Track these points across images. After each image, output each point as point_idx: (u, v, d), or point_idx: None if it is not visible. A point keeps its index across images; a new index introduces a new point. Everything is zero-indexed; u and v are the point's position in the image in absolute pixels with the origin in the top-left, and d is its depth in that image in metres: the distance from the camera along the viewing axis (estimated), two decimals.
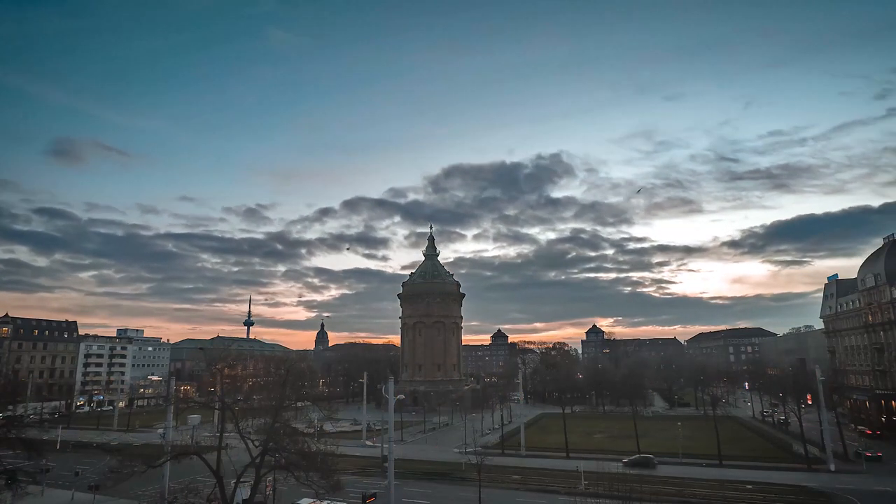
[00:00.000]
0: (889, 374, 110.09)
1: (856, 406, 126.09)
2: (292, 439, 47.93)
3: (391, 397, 58.92)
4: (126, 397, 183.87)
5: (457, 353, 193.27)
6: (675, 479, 72.64)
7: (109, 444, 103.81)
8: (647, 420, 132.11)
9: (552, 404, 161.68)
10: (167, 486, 58.18)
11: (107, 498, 62.22)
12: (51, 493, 66.15)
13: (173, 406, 74.28)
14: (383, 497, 55.15)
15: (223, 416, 50.51)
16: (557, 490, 67.69)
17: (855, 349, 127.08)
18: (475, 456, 70.65)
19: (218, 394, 64.15)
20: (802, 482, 70.72)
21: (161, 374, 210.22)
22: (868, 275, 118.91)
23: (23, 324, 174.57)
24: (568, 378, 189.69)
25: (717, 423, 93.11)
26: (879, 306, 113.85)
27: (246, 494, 50.21)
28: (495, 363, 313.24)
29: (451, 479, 74.79)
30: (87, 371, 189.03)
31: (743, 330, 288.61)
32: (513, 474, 76.40)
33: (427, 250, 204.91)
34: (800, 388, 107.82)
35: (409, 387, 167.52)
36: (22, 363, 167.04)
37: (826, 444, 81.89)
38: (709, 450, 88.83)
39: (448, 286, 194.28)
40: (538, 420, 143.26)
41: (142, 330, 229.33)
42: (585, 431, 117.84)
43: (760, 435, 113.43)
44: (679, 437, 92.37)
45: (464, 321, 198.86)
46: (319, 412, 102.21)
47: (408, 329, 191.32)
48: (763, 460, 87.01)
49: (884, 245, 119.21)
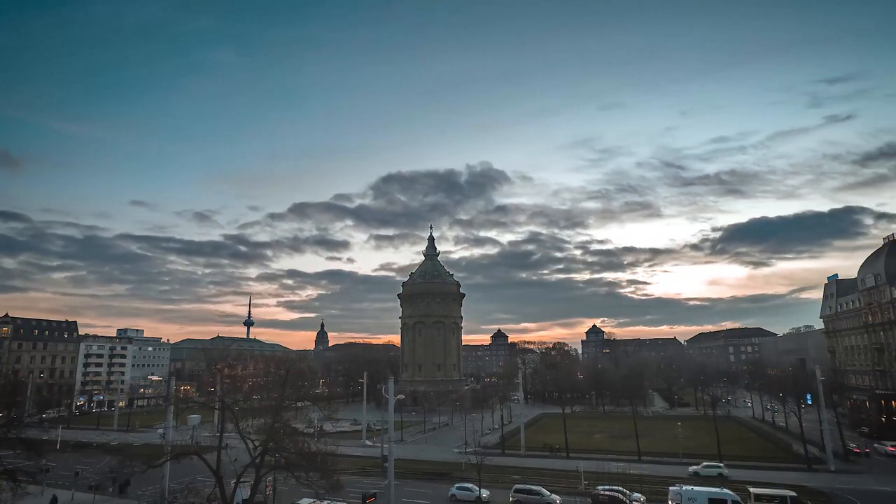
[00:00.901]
0: (889, 374, 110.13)
1: (856, 406, 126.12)
2: (292, 439, 47.92)
3: (391, 397, 58.97)
4: (126, 397, 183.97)
5: (457, 353, 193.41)
6: (674, 479, 72.43)
7: (109, 444, 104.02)
8: (647, 420, 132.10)
9: (552, 404, 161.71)
10: (167, 486, 58.25)
11: (107, 498, 62.20)
12: (51, 493, 66.05)
13: (173, 406, 74.25)
14: (383, 497, 55.15)
15: (223, 416, 50.57)
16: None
17: (855, 349, 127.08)
18: (475, 456, 70.63)
19: (218, 394, 64.14)
20: (802, 482, 70.71)
21: (161, 374, 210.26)
22: (868, 275, 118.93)
23: (23, 324, 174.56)
24: (568, 378, 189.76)
25: (717, 423, 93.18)
26: (879, 306, 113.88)
27: (246, 494, 50.22)
28: (495, 363, 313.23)
29: (452, 479, 74.67)
30: (87, 371, 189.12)
31: (743, 330, 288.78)
32: (513, 474, 76.38)
33: (427, 250, 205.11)
34: (800, 388, 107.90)
35: (409, 387, 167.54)
36: (22, 363, 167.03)
37: (826, 444, 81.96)
38: (709, 450, 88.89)
39: (448, 286, 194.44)
40: (538, 420, 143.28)
41: (141, 330, 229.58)
42: (586, 431, 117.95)
43: (760, 435, 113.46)
44: (679, 437, 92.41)
45: (463, 321, 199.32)
46: (319, 412, 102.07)
47: (408, 329, 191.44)
48: (763, 460, 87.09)
49: (884, 245, 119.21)
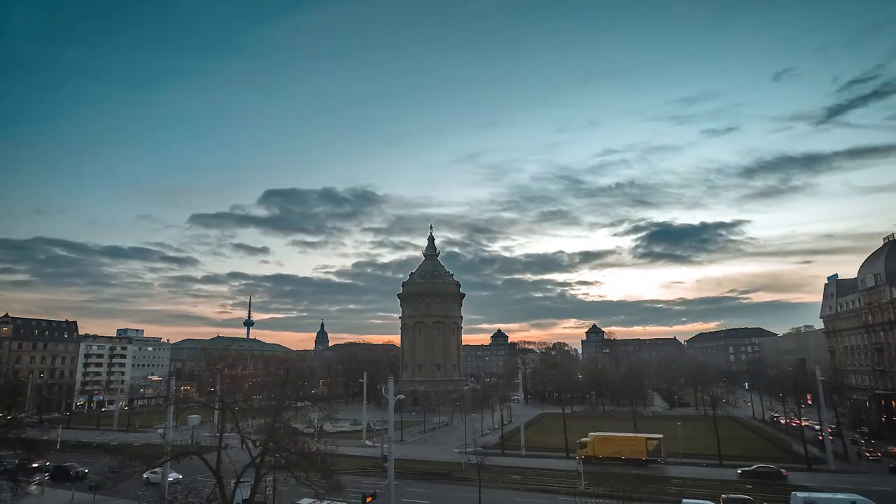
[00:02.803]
0: (889, 374, 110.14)
1: (856, 406, 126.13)
2: (292, 439, 47.80)
3: (391, 397, 58.95)
4: (126, 397, 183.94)
5: (457, 353, 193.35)
6: (675, 479, 72.68)
7: (109, 444, 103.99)
8: (647, 420, 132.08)
9: (552, 404, 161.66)
10: (167, 487, 58.25)
11: (107, 498, 62.17)
12: (51, 493, 66.12)
13: (173, 406, 74.25)
14: (383, 497, 55.12)
15: (223, 416, 50.51)
16: (557, 490, 67.71)
17: (855, 349, 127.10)
18: (475, 456, 70.61)
19: (218, 394, 64.06)
20: (802, 482, 70.69)
21: (161, 375, 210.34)
22: (868, 275, 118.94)
23: (23, 324, 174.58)
24: (568, 378, 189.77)
25: (717, 423, 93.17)
26: (879, 306, 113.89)
27: (246, 494, 50.14)
28: (495, 363, 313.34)
29: (451, 479, 74.73)
30: (87, 371, 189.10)
31: (743, 330, 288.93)
32: (513, 474, 76.38)
33: (427, 250, 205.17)
34: (800, 388, 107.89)
35: (409, 387, 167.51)
36: (22, 363, 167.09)
37: (826, 444, 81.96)
38: (709, 450, 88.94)
39: (448, 286, 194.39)
40: (538, 420, 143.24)
41: (141, 330, 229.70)
42: (586, 431, 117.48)
43: (760, 435, 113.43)
44: (679, 437, 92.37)
45: (463, 322, 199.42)
46: (319, 412, 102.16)
47: (408, 329, 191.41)
48: (763, 460, 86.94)
49: (884, 245, 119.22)
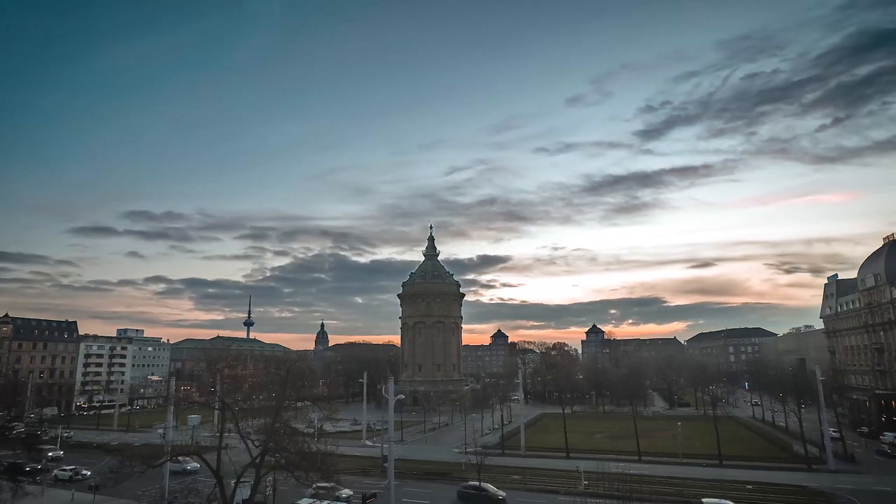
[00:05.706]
0: (889, 374, 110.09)
1: (855, 406, 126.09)
2: (292, 439, 47.87)
3: (391, 397, 58.97)
4: (126, 397, 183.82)
5: (457, 353, 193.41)
6: (675, 479, 72.60)
7: (109, 444, 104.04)
8: (647, 420, 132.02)
9: (552, 404, 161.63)
10: (167, 486, 58.25)
11: (107, 498, 62.18)
12: (51, 493, 66.13)
13: (173, 406, 74.27)
14: (383, 497, 55.14)
15: (223, 416, 50.55)
16: (557, 490, 67.71)
17: (855, 349, 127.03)
18: (475, 456, 70.65)
19: (218, 394, 64.06)
20: (802, 482, 70.70)
21: (161, 375, 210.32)
22: (868, 275, 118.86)
23: (23, 324, 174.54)
24: (568, 378, 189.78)
25: (717, 423, 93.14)
26: (879, 306, 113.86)
27: (246, 494, 50.17)
28: (495, 363, 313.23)
29: (451, 479, 74.69)
30: (87, 371, 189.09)
31: (743, 330, 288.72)
32: (513, 474, 76.36)
33: (427, 251, 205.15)
34: (800, 388, 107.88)
35: (409, 387, 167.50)
36: (22, 363, 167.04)
37: (826, 444, 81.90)
38: (709, 450, 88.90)
39: (448, 286, 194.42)
40: (538, 420, 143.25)
41: (141, 330, 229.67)
42: (585, 431, 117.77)
43: (760, 435, 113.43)
44: (679, 437, 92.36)
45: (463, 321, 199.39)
46: (319, 412, 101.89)
47: (408, 329, 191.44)
48: (763, 460, 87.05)
49: (884, 245, 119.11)
